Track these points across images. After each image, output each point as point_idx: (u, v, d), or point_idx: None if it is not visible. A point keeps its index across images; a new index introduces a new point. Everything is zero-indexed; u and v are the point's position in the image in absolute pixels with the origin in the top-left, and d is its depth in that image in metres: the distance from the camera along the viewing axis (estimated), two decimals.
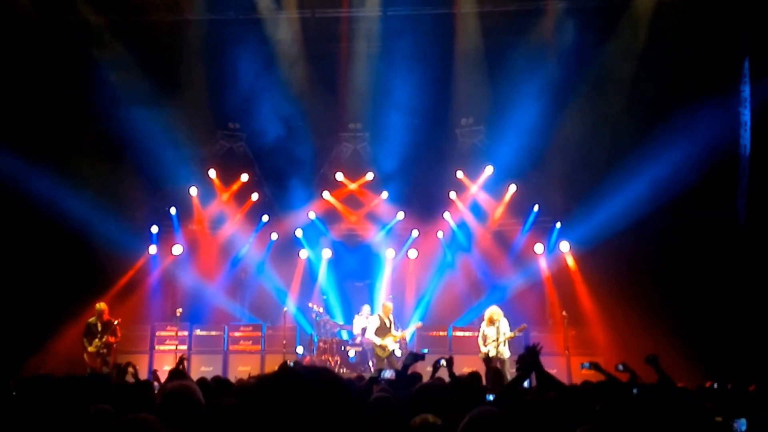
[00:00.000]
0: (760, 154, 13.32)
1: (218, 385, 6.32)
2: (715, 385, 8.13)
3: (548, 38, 15.01)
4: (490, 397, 6.06)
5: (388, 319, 14.02)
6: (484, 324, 13.17)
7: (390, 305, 14.36)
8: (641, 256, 14.35)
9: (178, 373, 7.86)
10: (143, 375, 11.12)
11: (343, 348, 14.53)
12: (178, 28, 15.34)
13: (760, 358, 11.80)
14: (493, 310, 13.09)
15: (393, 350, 13.79)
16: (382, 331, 13.82)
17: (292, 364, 7.32)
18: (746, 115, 13.64)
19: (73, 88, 14.81)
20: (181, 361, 9.03)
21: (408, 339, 14.74)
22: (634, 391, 5.60)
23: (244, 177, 17.01)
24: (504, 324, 12.98)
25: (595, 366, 7.02)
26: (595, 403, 4.51)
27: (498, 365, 12.09)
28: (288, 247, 17.17)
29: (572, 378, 12.66)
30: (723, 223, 13.71)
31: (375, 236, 17.50)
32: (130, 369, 8.21)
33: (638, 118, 14.46)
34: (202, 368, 14.33)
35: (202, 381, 6.42)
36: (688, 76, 13.83)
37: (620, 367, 7.05)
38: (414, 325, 14.52)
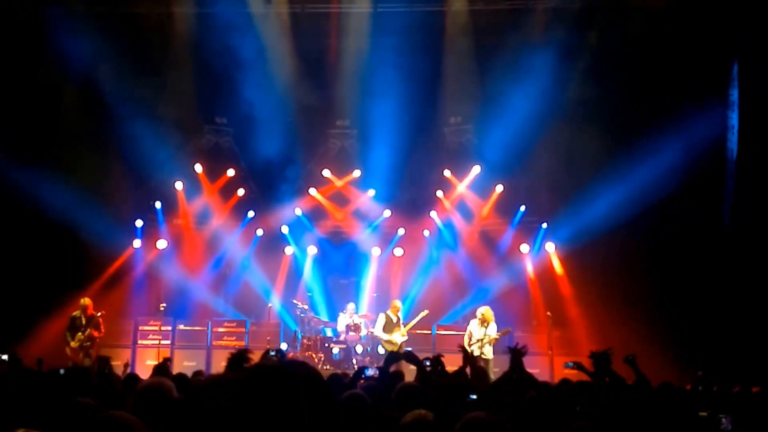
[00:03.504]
0: (747, 157, 13.37)
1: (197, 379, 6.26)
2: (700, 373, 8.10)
3: (538, 37, 15.01)
4: (473, 396, 6.01)
5: (396, 316, 14.08)
6: (474, 322, 13.09)
7: (399, 304, 14.39)
8: (627, 257, 14.39)
9: (161, 369, 7.78)
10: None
11: (327, 345, 14.48)
12: (165, 21, 15.25)
13: (747, 358, 11.85)
14: (487, 312, 13.03)
15: (401, 343, 13.84)
16: (390, 327, 13.90)
17: (273, 353, 7.21)
18: (734, 119, 13.70)
19: (58, 82, 14.70)
20: (164, 361, 8.90)
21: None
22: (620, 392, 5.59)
23: (231, 172, 16.91)
24: (492, 328, 12.95)
25: (578, 366, 7.01)
26: (575, 403, 4.48)
27: (482, 365, 12.05)
28: (273, 243, 17.10)
29: (555, 378, 12.66)
30: (709, 226, 13.76)
31: (361, 234, 17.45)
32: (113, 362, 8.11)
33: (627, 120, 14.49)
34: (185, 363, 14.25)
35: (179, 376, 6.36)
36: (676, 78, 13.89)
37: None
38: (422, 313, 14.42)
